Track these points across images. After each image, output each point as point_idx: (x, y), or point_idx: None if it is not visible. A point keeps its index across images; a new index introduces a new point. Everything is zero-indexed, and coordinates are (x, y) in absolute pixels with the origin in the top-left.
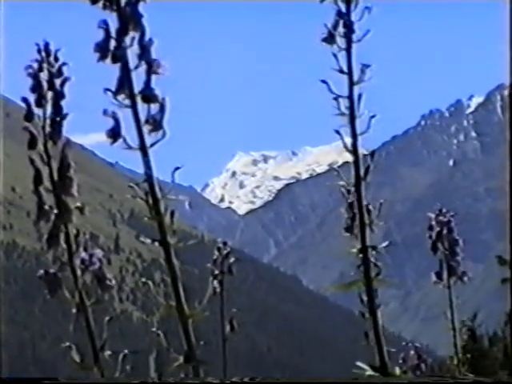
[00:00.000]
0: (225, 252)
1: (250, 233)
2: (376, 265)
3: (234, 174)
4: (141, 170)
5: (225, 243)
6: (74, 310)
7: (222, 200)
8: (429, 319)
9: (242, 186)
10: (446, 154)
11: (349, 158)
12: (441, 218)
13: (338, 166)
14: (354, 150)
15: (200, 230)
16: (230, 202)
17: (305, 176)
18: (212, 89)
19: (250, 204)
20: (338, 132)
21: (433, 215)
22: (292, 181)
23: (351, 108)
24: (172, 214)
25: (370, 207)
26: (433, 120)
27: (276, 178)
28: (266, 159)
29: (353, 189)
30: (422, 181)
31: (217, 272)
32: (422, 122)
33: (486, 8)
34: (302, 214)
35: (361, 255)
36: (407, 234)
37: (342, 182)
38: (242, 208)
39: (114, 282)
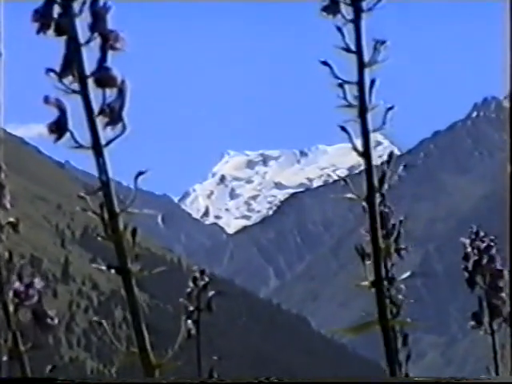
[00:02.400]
0: (202, 283)
1: (242, 258)
2: (393, 301)
3: (222, 179)
4: (96, 172)
5: (202, 271)
6: (5, 358)
7: (206, 214)
8: (478, 375)
9: (232, 195)
10: (503, 156)
11: (379, 159)
12: (478, 243)
13: (361, 171)
14: (365, 152)
15: (176, 253)
16: (217, 217)
17: (317, 183)
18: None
19: (243, 219)
20: (343, 129)
21: (467, 240)
22: (300, 189)
23: (361, 97)
24: (134, 232)
25: (395, 226)
26: (487, 111)
27: (278, 186)
28: (265, 160)
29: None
30: (471, 192)
31: (191, 308)
32: (474, 114)
33: None
34: (312, 234)
35: (374, 289)
36: (451, 261)
37: (349, 195)
38: (232, 225)
39: (56, 320)
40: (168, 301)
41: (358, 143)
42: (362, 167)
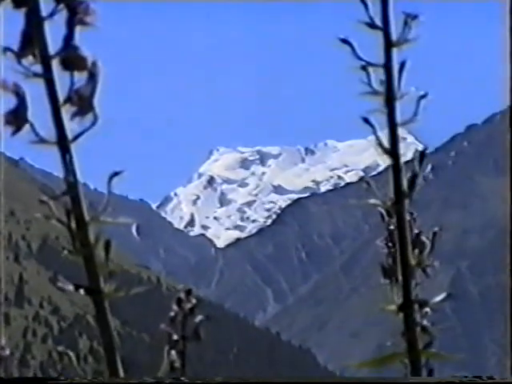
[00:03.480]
0: (188, 306)
1: (234, 277)
2: (425, 329)
3: (210, 181)
4: (61, 173)
5: (188, 291)
6: None
7: (190, 223)
8: None
9: (223, 200)
10: None
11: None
12: None
13: (379, 173)
14: (392, 149)
15: (154, 270)
16: (204, 227)
17: (325, 187)
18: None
19: (235, 230)
20: (366, 120)
21: None
22: (304, 194)
23: (388, 83)
24: (107, 245)
25: (424, 239)
26: None
27: (278, 190)
28: (263, 159)
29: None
30: None
31: (176, 337)
32: None
33: None
34: (319, 249)
35: (401, 314)
36: (487, 282)
37: (372, 200)
38: (222, 236)
39: (8, 351)
40: (144, 328)
41: (383, 138)
42: (381, 168)
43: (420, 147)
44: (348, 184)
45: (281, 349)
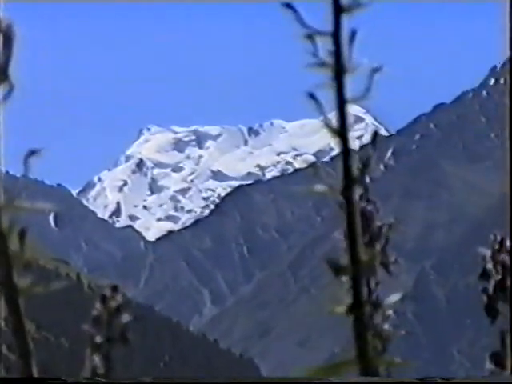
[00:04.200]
0: (114, 304)
1: (166, 275)
2: (378, 333)
3: (139, 164)
4: None
5: (114, 288)
6: None
7: (116, 213)
8: None
9: (154, 187)
10: None
11: (359, 141)
12: (503, 256)
13: (332, 158)
14: (340, 129)
15: (75, 266)
16: (132, 218)
17: (272, 173)
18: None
19: (168, 222)
20: (312, 96)
21: (488, 252)
22: (247, 181)
23: (337, 53)
24: (22, 234)
25: (385, 231)
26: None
27: (218, 176)
28: (199, 140)
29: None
30: (483, 188)
31: (99, 340)
32: (491, 82)
33: None
34: (263, 244)
35: (352, 317)
36: (456, 283)
37: (319, 187)
38: (152, 228)
39: None
40: (62, 333)
41: (332, 117)
42: (335, 152)
43: (382, 130)
44: (297, 170)
45: (219, 358)
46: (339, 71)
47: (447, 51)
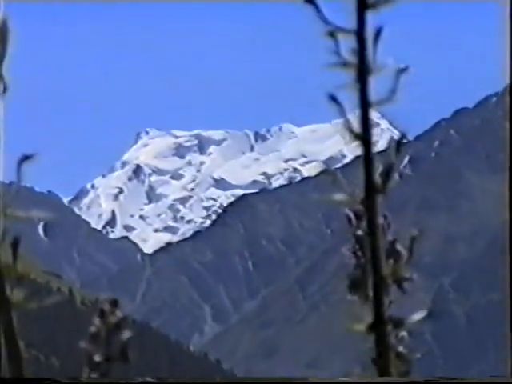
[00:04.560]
0: (114, 320)
1: (165, 290)
2: (400, 355)
3: (136, 171)
4: None
5: (114, 303)
6: None
7: (111, 223)
8: None
9: (152, 196)
10: None
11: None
12: None
13: (345, 165)
14: (363, 133)
15: (66, 280)
16: (128, 228)
17: (278, 181)
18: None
19: (166, 233)
20: (333, 99)
21: None
22: (252, 190)
23: (361, 52)
24: (15, 244)
25: (399, 247)
26: None
27: (221, 184)
28: (202, 145)
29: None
30: (506, 199)
31: (98, 358)
32: None
33: None
34: (269, 257)
35: (371, 338)
36: (477, 301)
37: (338, 196)
38: (150, 240)
39: None
40: (52, 351)
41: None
42: (347, 159)
43: (396, 135)
44: (306, 178)
45: (221, 380)
46: (363, 71)
47: (471, 52)
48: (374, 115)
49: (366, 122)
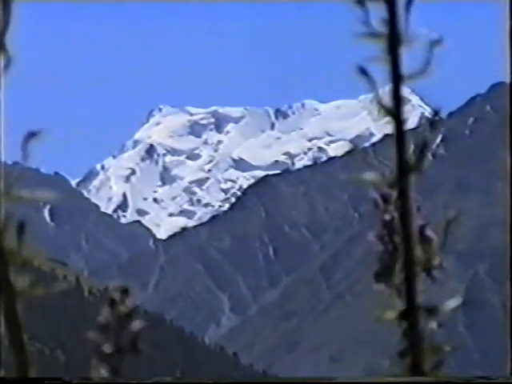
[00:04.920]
0: (125, 310)
1: (179, 278)
2: (432, 346)
3: (150, 150)
4: None
5: (125, 291)
6: None
7: (122, 206)
8: None
9: (165, 177)
10: None
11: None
12: None
13: (373, 144)
14: (395, 108)
15: (73, 267)
16: (140, 212)
17: (302, 162)
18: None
19: (181, 217)
20: (363, 72)
21: None
22: (274, 171)
23: (392, 22)
24: (21, 228)
25: (429, 233)
26: None
27: (240, 164)
28: (219, 123)
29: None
30: None
31: (108, 350)
32: None
33: None
34: (292, 243)
35: (404, 325)
36: None
37: (369, 175)
38: (164, 225)
39: None
40: (58, 344)
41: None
42: (375, 138)
43: (427, 112)
44: (332, 158)
45: (239, 375)
46: (394, 42)
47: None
48: (404, 90)
49: (397, 97)
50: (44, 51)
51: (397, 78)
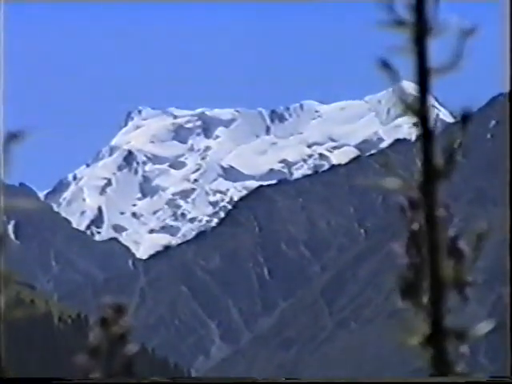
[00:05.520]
0: (118, 331)
1: (162, 302)
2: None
3: (128, 158)
4: None
5: (119, 309)
6: None
7: (96, 221)
8: None
9: (146, 188)
10: None
11: (408, 131)
12: None
13: (381, 151)
14: (421, 106)
15: (42, 291)
16: (117, 228)
17: (301, 170)
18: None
19: (163, 233)
20: (385, 64)
21: None
22: (269, 181)
23: (419, 9)
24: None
25: (462, 245)
26: None
27: (230, 173)
28: (207, 127)
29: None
30: None
31: (98, 376)
32: None
33: None
34: (289, 263)
35: (431, 350)
36: None
37: (390, 181)
38: (144, 242)
39: None
40: (25, 366)
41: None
42: (384, 143)
43: (442, 112)
44: (334, 166)
45: None
46: (421, 32)
47: None
48: (415, 88)
49: (423, 93)
50: (17, 52)
51: (423, 72)
